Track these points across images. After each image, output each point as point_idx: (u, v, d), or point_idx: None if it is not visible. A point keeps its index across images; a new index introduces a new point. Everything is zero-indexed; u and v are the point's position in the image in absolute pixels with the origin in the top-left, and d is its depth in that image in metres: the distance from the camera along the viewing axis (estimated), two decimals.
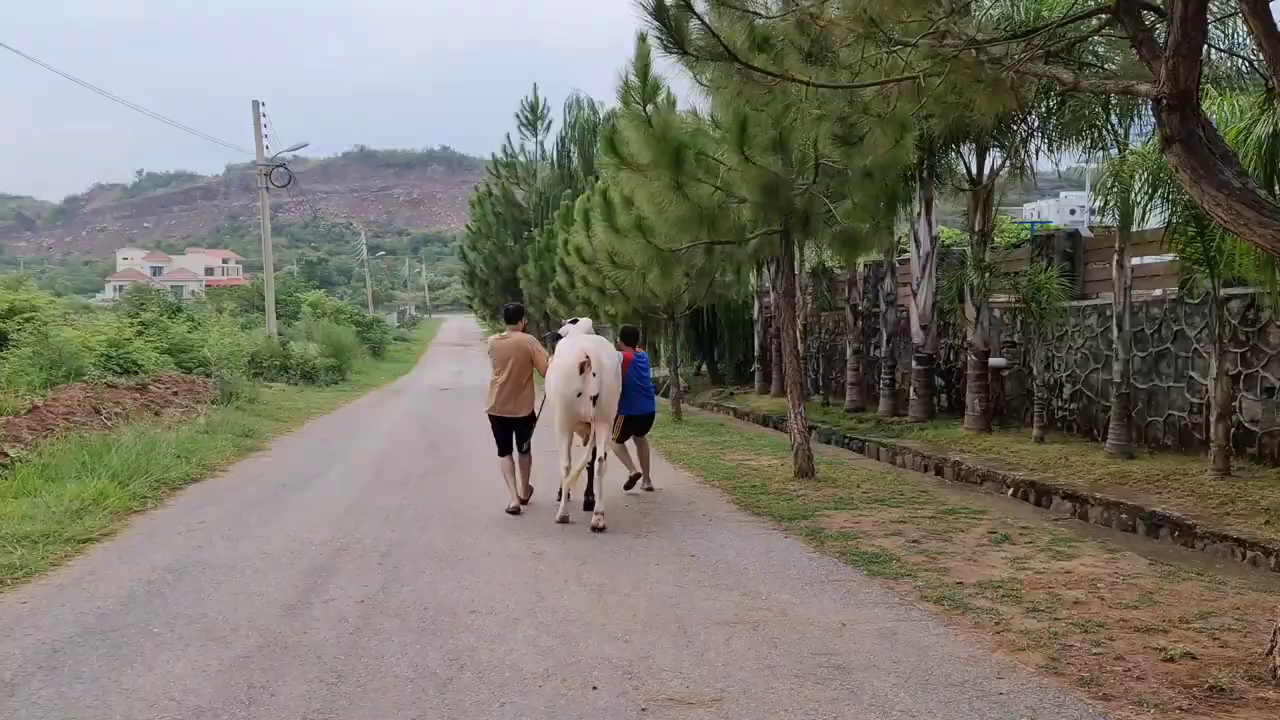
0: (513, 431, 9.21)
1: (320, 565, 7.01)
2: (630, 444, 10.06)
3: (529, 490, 9.50)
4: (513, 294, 32.15)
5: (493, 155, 35.10)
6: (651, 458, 10.58)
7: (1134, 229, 11.17)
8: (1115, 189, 10.52)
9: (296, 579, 6.63)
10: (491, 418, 9.21)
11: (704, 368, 30.73)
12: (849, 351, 18.76)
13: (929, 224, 15.47)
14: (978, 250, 13.69)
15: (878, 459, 14.43)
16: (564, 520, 8.46)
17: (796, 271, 11.10)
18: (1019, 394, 14.52)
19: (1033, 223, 27.61)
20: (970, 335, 13.93)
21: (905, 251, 17.35)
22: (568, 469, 8.48)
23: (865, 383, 18.88)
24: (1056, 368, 13.36)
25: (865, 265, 19.36)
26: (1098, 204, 11.53)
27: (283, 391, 24.05)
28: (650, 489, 10.13)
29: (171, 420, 15.04)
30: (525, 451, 9.35)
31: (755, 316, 25.14)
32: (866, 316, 19.10)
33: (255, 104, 30.58)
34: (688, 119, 10.39)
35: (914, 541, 7.48)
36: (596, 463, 8.44)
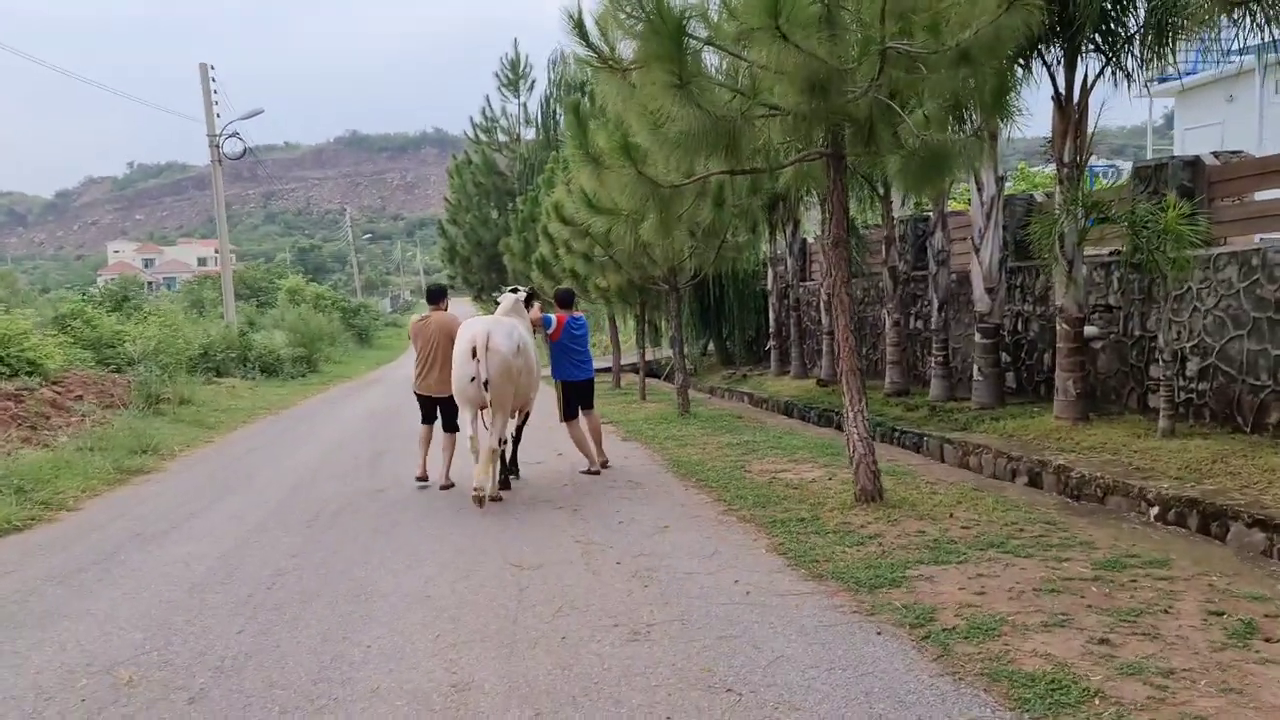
0: (438, 408, 9.34)
1: None
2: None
3: (449, 484, 9.29)
4: (497, 271, 29.10)
5: (470, 119, 31.86)
6: (655, 468, 8.98)
7: None
8: None
9: None
10: (418, 396, 9.44)
11: (711, 346, 27.64)
12: (888, 324, 15.67)
13: (994, 162, 12.33)
14: (1069, 187, 10.55)
15: (941, 459, 11.36)
16: (478, 499, 8.07)
17: (849, 211, 7.98)
18: (1116, 371, 11.43)
19: (1091, 168, 24.45)
20: (1060, 297, 10.80)
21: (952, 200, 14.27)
22: (472, 438, 8.35)
23: (907, 360, 15.79)
24: (1179, 337, 10.27)
25: (901, 221, 16.24)
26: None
27: (232, 388, 21.05)
28: (605, 465, 9.98)
29: (56, 435, 12.01)
30: (448, 430, 9.34)
31: (769, 287, 22.02)
32: (907, 281, 15.99)
33: (203, 67, 27.41)
34: None
35: (1100, 641, 4.41)
36: (493, 449, 8.36)
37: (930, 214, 17.02)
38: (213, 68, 27.30)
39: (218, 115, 27.49)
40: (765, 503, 7.80)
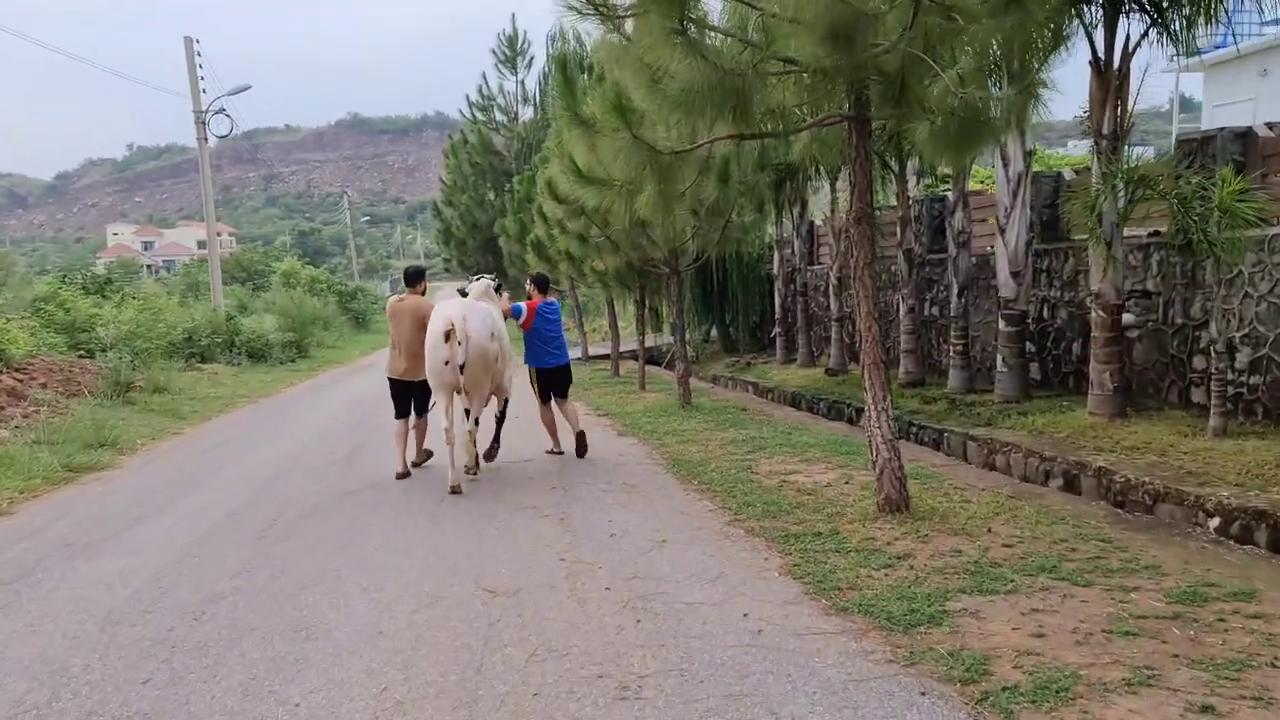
0: (411, 398, 9.10)
1: None
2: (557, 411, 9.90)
3: (426, 454, 9.56)
4: (493, 254, 28.19)
5: (467, 97, 30.83)
6: (654, 468, 8.57)
7: None
8: None
9: None
10: (390, 381, 9.13)
11: (713, 333, 26.72)
12: (902, 310, 14.77)
13: (1021, 135, 11.40)
14: (1109, 160, 9.63)
15: (965, 458, 10.48)
16: (455, 490, 8.13)
17: (871, 182, 7.07)
18: (1155, 362, 10.54)
19: None
20: (1097, 282, 9.89)
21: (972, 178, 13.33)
22: (447, 429, 8.24)
23: (922, 349, 14.91)
24: (1228, 325, 9.37)
25: (916, 201, 15.33)
26: None
27: (215, 375, 20.19)
28: (569, 448, 9.88)
29: (8, 426, 11.15)
30: (420, 415, 9.23)
31: (775, 271, 21.09)
32: (923, 265, 15.09)
33: (188, 41, 26.41)
34: None
35: (1203, 710, 3.53)
36: (469, 431, 8.41)
37: (948, 193, 16.12)
38: (198, 41, 26.33)
39: (203, 91, 26.50)
40: (776, 512, 6.93)
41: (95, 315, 18.16)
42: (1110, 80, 9.52)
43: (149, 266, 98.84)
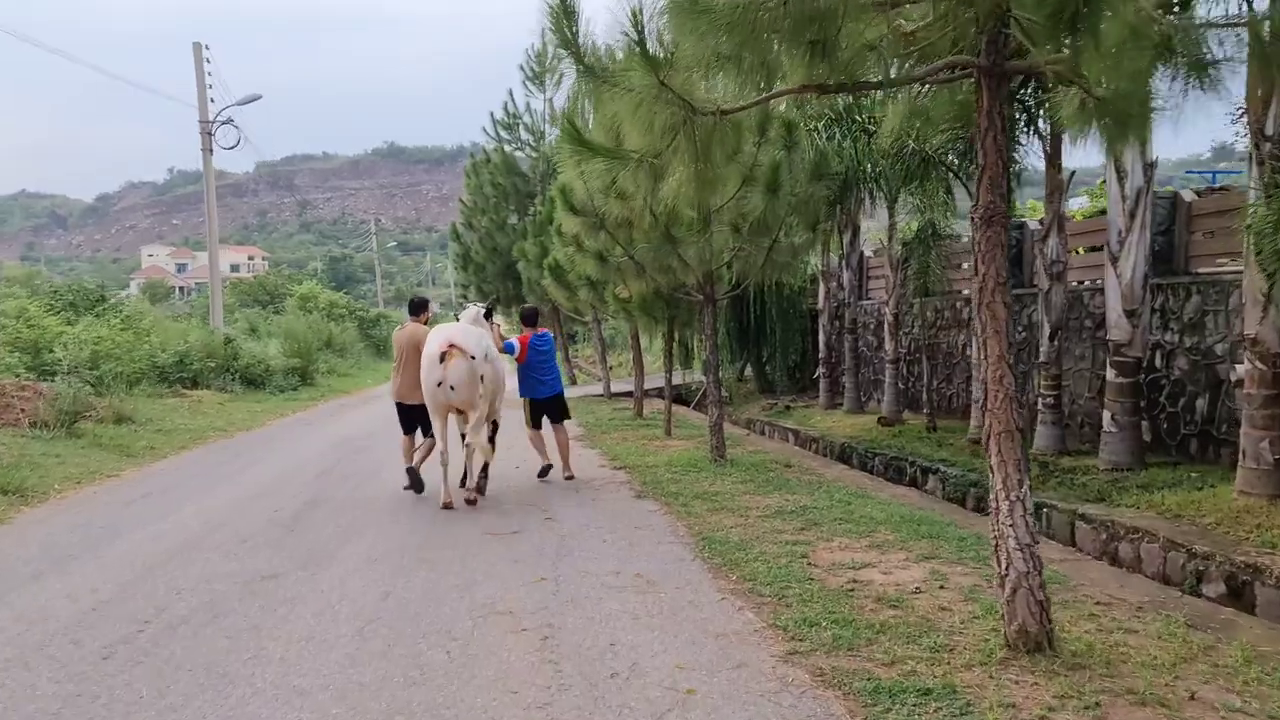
0: (415, 419, 9.38)
1: None
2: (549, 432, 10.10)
3: (418, 480, 9.37)
4: (513, 280, 26.18)
5: (491, 114, 29.00)
6: (679, 550, 6.73)
7: None
8: None
9: None
10: (397, 405, 9.51)
11: (748, 370, 24.60)
12: (975, 352, 12.60)
13: (1141, 144, 9.27)
14: (1272, 167, 7.48)
15: (1072, 541, 8.29)
16: (447, 506, 8.40)
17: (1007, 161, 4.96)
18: None
19: (1213, 174, 21.25)
20: (1255, 324, 7.69)
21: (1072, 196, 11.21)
22: (443, 451, 8.56)
23: None
24: None
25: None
26: None
27: (198, 402, 18.32)
28: (570, 477, 10.03)
29: None
30: (427, 435, 9.35)
31: (820, 305, 18.98)
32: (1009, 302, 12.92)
33: (197, 47, 24.89)
34: None
35: None
36: (465, 447, 8.74)
37: (1024, 219, 14.02)
38: (207, 47, 24.78)
39: (211, 100, 24.94)
40: (853, 639, 4.78)
41: (62, 333, 16.33)
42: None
43: (181, 289, 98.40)
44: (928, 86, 4.62)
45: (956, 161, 12.71)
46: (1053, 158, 10.80)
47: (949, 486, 10.65)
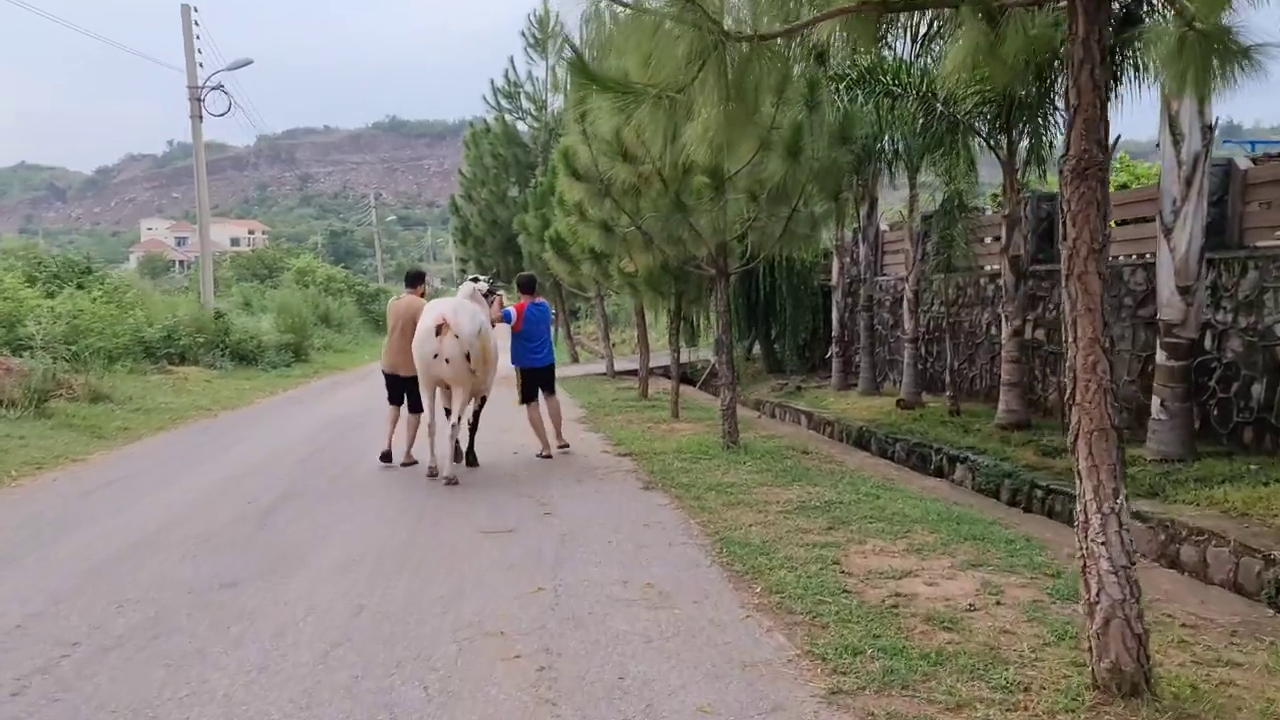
0: (403, 390, 9.42)
1: None
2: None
3: (411, 459, 9.40)
4: (514, 255, 25.35)
5: (491, 82, 27.99)
6: (694, 553, 5.96)
7: None
8: None
9: None
10: (385, 375, 9.57)
11: (755, 349, 23.79)
12: (1005, 332, 11.80)
13: (1200, 101, 8.44)
14: None
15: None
16: (432, 474, 8.61)
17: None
18: None
19: (1252, 143, 20.33)
20: None
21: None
22: (431, 423, 8.66)
23: (1025, 383, 11.94)
24: None
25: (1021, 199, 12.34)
26: None
27: (184, 380, 17.55)
28: (564, 448, 10.11)
29: None
30: (413, 411, 9.42)
31: (834, 281, 18.16)
32: (1029, 277, 12.10)
33: (185, 10, 23.91)
34: None
35: None
36: (454, 423, 8.66)
37: (1059, 191, 13.12)
38: (196, 10, 23.80)
39: (200, 65, 23.98)
40: (905, 673, 4.02)
41: (38, 307, 15.55)
42: None
43: (180, 262, 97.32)
44: (1005, 12, 3.80)
45: (985, 129, 11.85)
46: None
47: (980, 477, 9.89)
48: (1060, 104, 11.22)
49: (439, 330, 8.23)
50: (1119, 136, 10.58)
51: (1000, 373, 12.19)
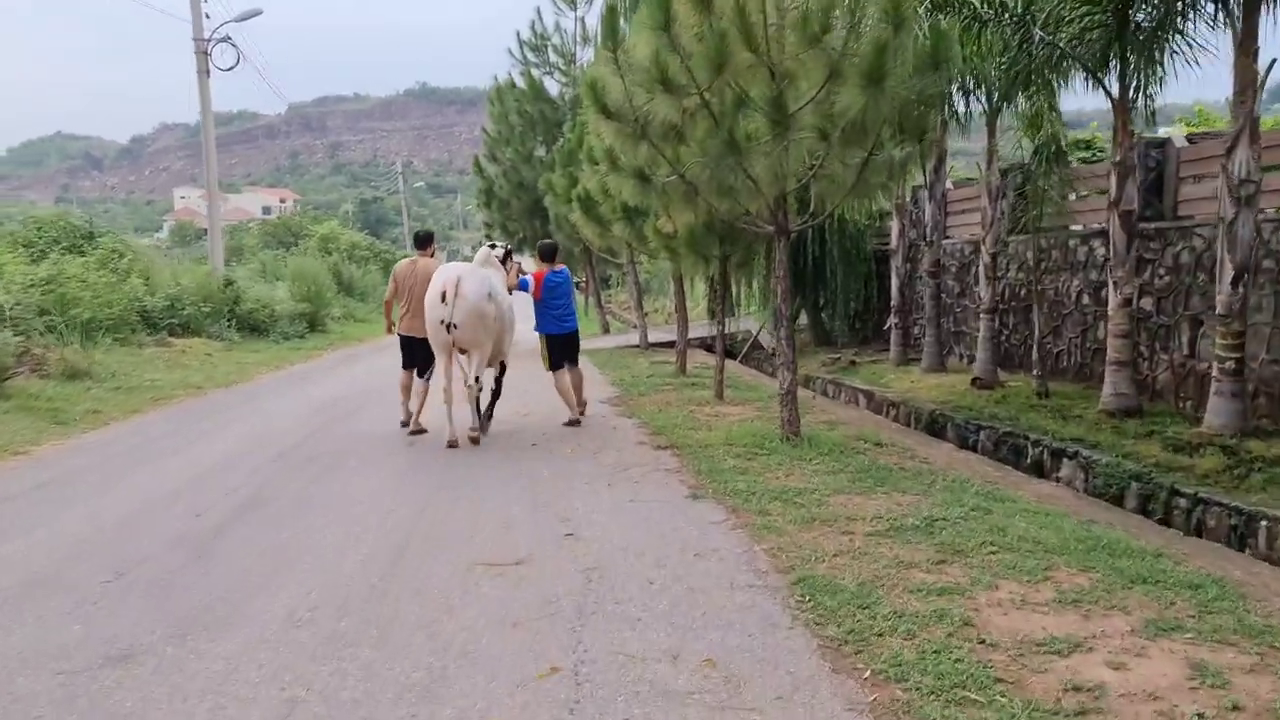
0: (415, 352, 9.28)
1: None
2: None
3: (420, 429, 9.22)
4: (540, 218, 23.70)
5: (517, 34, 26.21)
6: (762, 600, 4.28)
7: None
8: None
9: None
10: (401, 337, 9.49)
11: (801, 318, 22.02)
12: (1113, 302, 10.00)
13: None
14: None
15: None
16: (452, 444, 8.42)
17: None
18: None
19: None
20: None
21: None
22: (446, 389, 8.47)
23: (1134, 361, 10.16)
24: None
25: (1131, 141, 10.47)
26: None
27: (182, 353, 16.16)
28: (581, 414, 9.82)
29: None
30: (424, 378, 9.31)
31: (893, 245, 16.36)
32: (1151, 237, 10.28)
33: None
34: None
35: None
36: (468, 387, 8.58)
37: (1170, 134, 11.29)
38: None
39: (206, 16, 22.45)
40: None
41: (10, 273, 14.14)
42: None
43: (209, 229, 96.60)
44: None
45: (1092, 62, 9.98)
46: (1244, 43, 8.12)
47: (1097, 478, 8.17)
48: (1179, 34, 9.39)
49: (443, 297, 8.20)
50: (1274, 61, 8.72)
51: (1101, 349, 10.43)
